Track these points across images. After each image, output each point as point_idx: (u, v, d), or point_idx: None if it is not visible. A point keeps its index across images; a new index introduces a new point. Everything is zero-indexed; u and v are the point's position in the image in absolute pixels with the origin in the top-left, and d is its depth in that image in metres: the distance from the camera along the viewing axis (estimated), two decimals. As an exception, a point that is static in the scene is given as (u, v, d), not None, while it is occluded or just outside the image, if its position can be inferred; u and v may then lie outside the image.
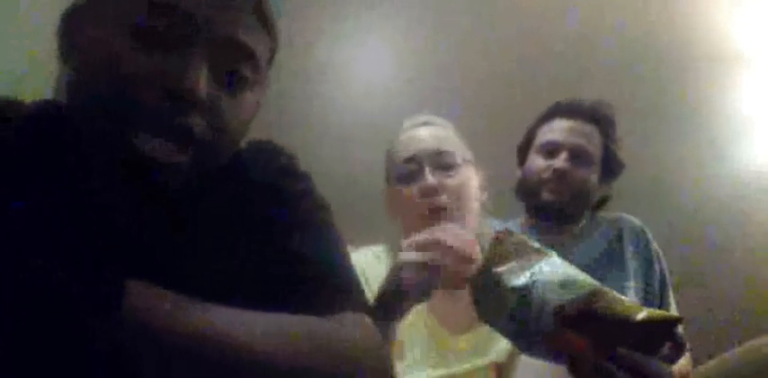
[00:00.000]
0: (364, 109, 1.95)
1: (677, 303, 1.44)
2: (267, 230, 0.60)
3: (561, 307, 0.53)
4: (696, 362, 1.32)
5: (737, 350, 1.01)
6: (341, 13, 1.98)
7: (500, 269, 0.60)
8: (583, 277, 0.56)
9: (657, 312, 0.51)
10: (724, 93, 1.96)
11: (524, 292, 0.56)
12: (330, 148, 1.86)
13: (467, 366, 0.94)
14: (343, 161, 1.85)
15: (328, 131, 1.91)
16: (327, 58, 1.97)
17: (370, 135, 1.82)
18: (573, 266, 0.61)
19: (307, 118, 1.90)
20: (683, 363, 1.35)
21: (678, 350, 0.51)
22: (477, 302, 0.64)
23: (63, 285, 0.39)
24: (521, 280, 0.58)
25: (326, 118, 1.94)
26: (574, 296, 0.53)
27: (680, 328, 0.50)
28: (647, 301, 1.41)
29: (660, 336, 0.50)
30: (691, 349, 1.39)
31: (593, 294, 0.53)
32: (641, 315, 0.50)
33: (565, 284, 0.55)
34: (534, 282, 0.56)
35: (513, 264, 0.61)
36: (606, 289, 0.54)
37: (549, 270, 0.57)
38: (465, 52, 1.97)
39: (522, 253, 0.62)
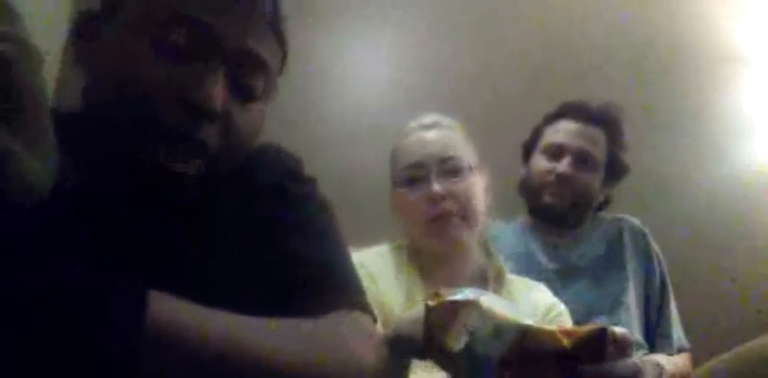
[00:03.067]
0: (365, 109, 1.96)
1: (677, 303, 1.44)
2: (270, 232, 0.60)
3: (503, 358, 0.55)
4: (696, 362, 1.32)
5: (737, 350, 1.01)
6: (341, 12, 1.98)
7: (441, 336, 0.62)
8: (506, 317, 0.57)
9: (582, 331, 0.52)
10: (725, 93, 1.96)
11: (468, 354, 0.58)
12: (331, 147, 1.86)
13: None
14: (344, 161, 1.85)
15: (329, 131, 1.91)
16: (328, 58, 1.97)
17: (370, 135, 1.83)
18: (498, 300, 0.62)
19: (307, 118, 1.90)
20: (683, 363, 1.36)
21: (622, 347, 0.52)
22: (442, 367, 0.66)
23: (83, 292, 0.38)
24: (461, 343, 0.59)
25: (327, 118, 1.94)
26: (507, 343, 0.55)
27: (616, 329, 0.52)
28: (647, 302, 1.42)
29: (597, 346, 0.52)
30: (691, 349, 1.40)
31: (523, 334, 0.54)
32: (568, 341, 0.52)
33: (496, 333, 0.56)
34: (473, 341, 0.58)
35: (449, 327, 0.61)
36: (527, 322, 0.55)
37: (482, 322, 0.58)
38: (465, 52, 1.97)
39: (453, 312, 0.62)
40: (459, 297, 0.62)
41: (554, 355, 0.52)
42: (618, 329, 0.53)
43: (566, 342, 0.52)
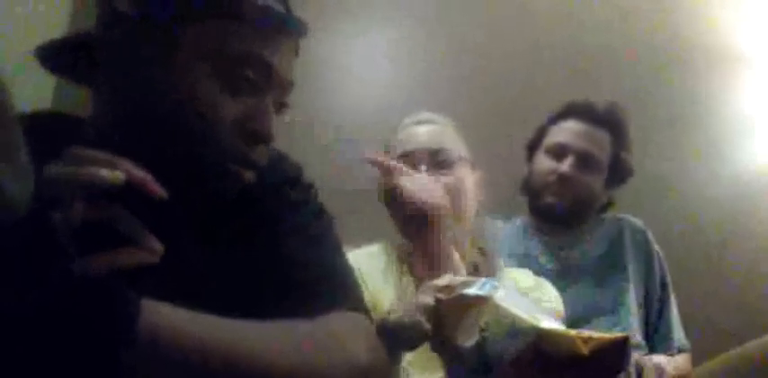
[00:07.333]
0: (363, 109, 1.95)
1: (677, 303, 1.44)
2: (269, 236, 0.61)
3: (516, 359, 0.54)
4: (696, 362, 1.32)
5: (737, 350, 1.01)
6: (338, 13, 1.98)
7: (449, 331, 0.61)
8: (523, 318, 0.56)
9: (603, 338, 0.51)
10: (725, 92, 1.95)
11: (478, 351, 0.57)
12: (331, 147, 1.86)
13: None
14: (344, 160, 1.84)
15: (328, 131, 1.91)
16: (328, 57, 1.96)
17: (368, 135, 1.83)
18: (514, 296, 0.61)
19: (307, 117, 1.90)
20: (683, 363, 1.35)
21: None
22: (446, 362, 0.65)
23: (75, 300, 0.38)
24: (471, 339, 0.58)
25: (326, 118, 1.94)
26: (523, 344, 0.54)
27: (654, 358, 0.51)
28: (647, 302, 1.42)
29: (616, 355, 0.51)
30: (691, 349, 1.40)
31: (539, 337, 0.53)
32: (587, 348, 0.51)
33: (511, 334, 0.55)
34: (484, 338, 0.57)
35: (459, 322, 0.60)
36: (549, 327, 0.54)
37: (495, 319, 0.57)
38: (465, 51, 1.97)
39: (464, 307, 0.61)
40: (471, 291, 0.60)
41: (568, 361, 0.51)
42: (655, 359, 0.51)
43: (584, 349, 0.50)
